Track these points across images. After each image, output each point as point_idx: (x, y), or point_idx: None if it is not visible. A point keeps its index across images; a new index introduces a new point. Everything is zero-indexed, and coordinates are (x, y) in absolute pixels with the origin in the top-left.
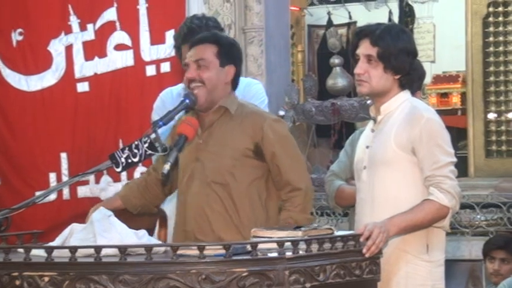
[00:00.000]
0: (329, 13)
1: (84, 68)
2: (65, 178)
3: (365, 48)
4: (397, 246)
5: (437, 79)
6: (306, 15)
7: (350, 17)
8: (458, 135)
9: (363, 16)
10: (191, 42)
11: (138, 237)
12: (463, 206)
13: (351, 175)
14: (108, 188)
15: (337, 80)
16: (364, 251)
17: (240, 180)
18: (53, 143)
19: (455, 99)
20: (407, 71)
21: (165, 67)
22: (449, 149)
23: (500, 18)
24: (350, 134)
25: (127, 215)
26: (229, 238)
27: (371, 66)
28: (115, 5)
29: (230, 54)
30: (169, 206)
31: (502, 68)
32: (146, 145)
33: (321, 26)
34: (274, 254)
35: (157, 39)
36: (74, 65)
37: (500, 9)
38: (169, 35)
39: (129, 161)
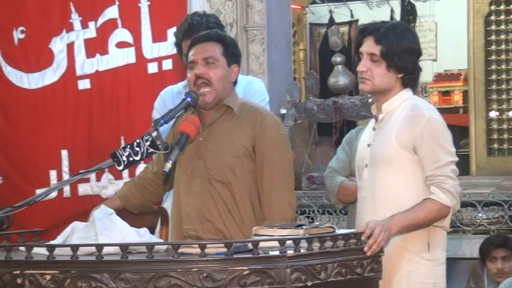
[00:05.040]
0: (331, 11)
1: (85, 65)
2: (65, 176)
3: (369, 46)
4: (398, 245)
5: (439, 77)
6: (307, 14)
7: (352, 16)
8: (460, 133)
9: (365, 14)
10: (193, 39)
11: (139, 236)
12: (465, 204)
13: (350, 172)
14: (109, 185)
15: (339, 78)
16: (365, 249)
17: (241, 177)
18: (54, 141)
19: (457, 98)
20: (410, 70)
21: (167, 64)
22: (450, 148)
23: (502, 17)
24: None
25: (128, 214)
26: (232, 237)
27: (374, 65)
28: (117, 2)
29: (234, 53)
30: (167, 203)
31: (503, 67)
32: (148, 143)
33: (322, 24)
34: (276, 252)
35: (159, 36)
36: (75, 63)
37: (502, 7)
38: (171, 32)
39: (131, 159)
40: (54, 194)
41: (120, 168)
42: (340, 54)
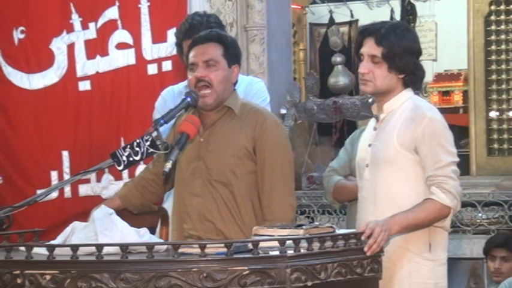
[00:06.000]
0: (331, 11)
1: (86, 66)
2: (66, 176)
3: (369, 47)
4: (399, 245)
5: (439, 77)
6: (307, 14)
7: (352, 16)
8: (460, 133)
9: (365, 14)
10: (194, 40)
11: (139, 236)
12: (465, 204)
13: (349, 172)
14: (110, 186)
15: (339, 78)
16: (365, 249)
17: (242, 178)
18: (55, 141)
19: (457, 98)
20: (411, 71)
21: (167, 65)
22: (451, 149)
23: (502, 17)
24: (351, 132)
25: (128, 214)
26: (232, 237)
27: (375, 66)
28: (117, 3)
29: (235, 54)
30: (168, 203)
31: (503, 67)
32: (148, 143)
33: (322, 24)
34: (276, 252)
35: (159, 37)
36: (75, 64)
37: (502, 7)
38: (171, 33)
39: (131, 159)
40: (54, 195)
41: (120, 168)
42: (340, 54)
